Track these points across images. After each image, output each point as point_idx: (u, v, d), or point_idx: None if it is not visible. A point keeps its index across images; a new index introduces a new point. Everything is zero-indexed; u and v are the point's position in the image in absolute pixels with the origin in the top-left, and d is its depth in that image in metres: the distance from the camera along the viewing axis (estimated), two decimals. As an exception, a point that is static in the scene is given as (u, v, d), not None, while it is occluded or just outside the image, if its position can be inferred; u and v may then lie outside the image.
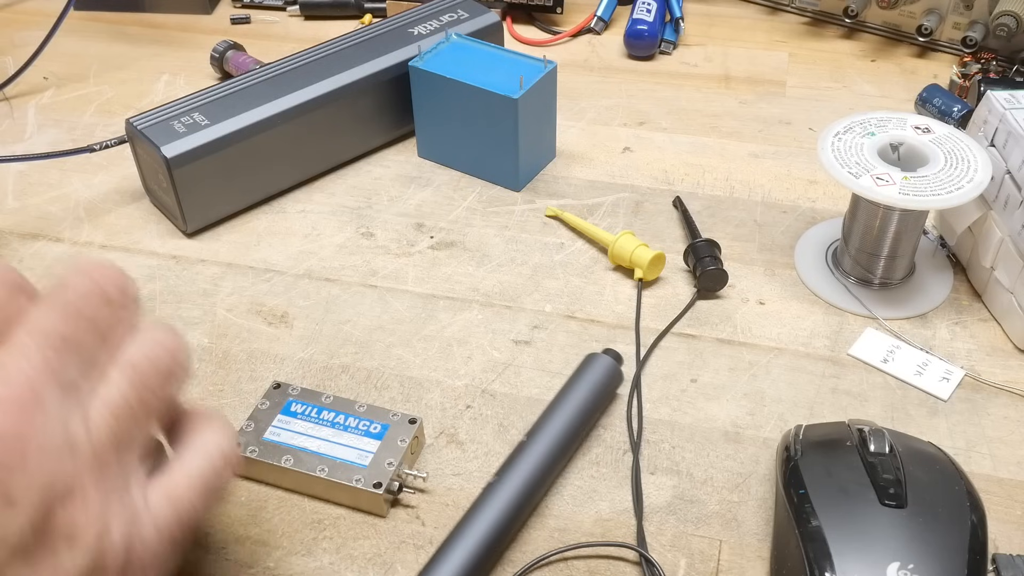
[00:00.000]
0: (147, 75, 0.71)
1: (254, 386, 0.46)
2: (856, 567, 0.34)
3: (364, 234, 0.56)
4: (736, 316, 0.50)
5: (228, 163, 0.54)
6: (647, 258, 0.51)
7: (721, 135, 0.63)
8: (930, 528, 0.35)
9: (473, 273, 0.53)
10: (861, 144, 0.48)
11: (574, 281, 0.52)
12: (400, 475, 0.41)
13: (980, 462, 0.42)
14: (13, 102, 0.68)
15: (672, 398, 0.45)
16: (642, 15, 0.71)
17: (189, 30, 0.76)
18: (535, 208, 0.57)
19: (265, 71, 0.58)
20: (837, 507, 0.36)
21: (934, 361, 0.47)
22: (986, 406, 0.45)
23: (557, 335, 0.49)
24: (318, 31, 0.75)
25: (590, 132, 0.64)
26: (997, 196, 0.48)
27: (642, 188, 0.58)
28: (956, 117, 0.61)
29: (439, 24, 0.63)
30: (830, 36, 0.74)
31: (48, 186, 0.60)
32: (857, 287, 0.51)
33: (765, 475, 0.42)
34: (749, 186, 0.58)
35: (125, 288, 0.28)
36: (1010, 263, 0.47)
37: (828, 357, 0.47)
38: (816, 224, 0.55)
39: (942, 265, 0.52)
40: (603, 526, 0.40)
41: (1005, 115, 0.47)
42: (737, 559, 0.39)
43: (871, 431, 0.38)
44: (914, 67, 0.70)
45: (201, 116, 0.54)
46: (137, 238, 0.56)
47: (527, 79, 0.55)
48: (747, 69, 0.70)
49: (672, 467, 0.42)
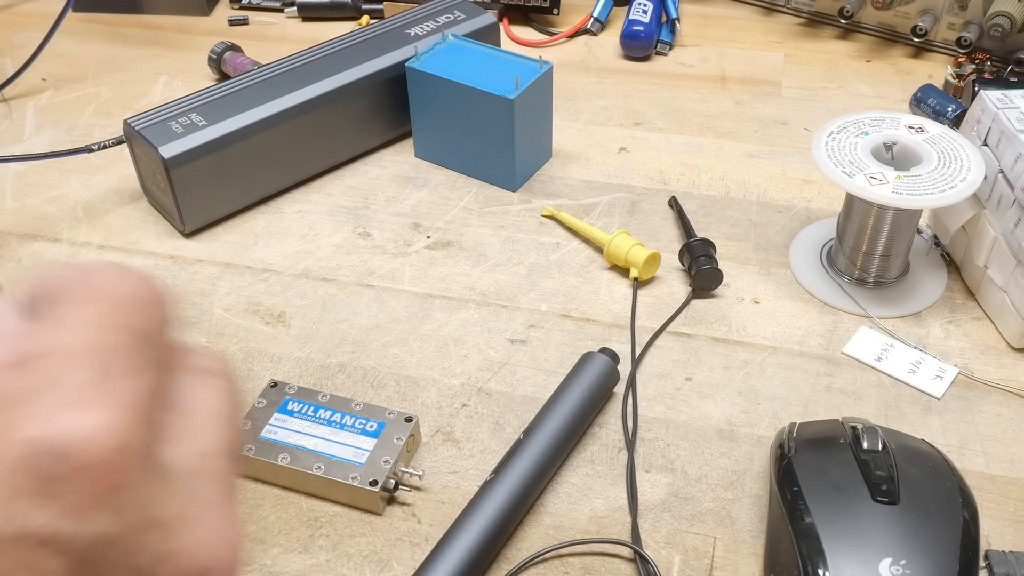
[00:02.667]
0: (145, 76, 0.71)
1: (251, 385, 0.47)
2: (849, 563, 0.34)
3: (361, 234, 0.56)
4: (731, 315, 0.50)
5: (226, 164, 0.55)
6: (642, 257, 0.51)
7: (717, 135, 0.63)
8: (922, 524, 0.35)
9: (469, 273, 0.53)
10: (855, 144, 0.48)
11: (570, 280, 0.52)
12: (396, 473, 0.41)
13: (973, 459, 0.42)
14: (12, 103, 0.68)
15: (667, 396, 0.46)
16: (638, 16, 0.71)
17: (187, 31, 0.77)
18: (531, 208, 0.57)
19: (263, 72, 0.58)
20: (830, 504, 0.36)
21: (928, 359, 0.47)
22: (979, 404, 0.45)
23: (553, 334, 0.49)
24: (315, 32, 0.75)
25: (586, 132, 0.64)
26: (990, 195, 0.48)
27: (638, 188, 0.59)
28: (950, 117, 0.61)
29: (436, 25, 0.63)
30: (825, 37, 0.74)
31: (46, 186, 0.60)
32: (851, 286, 0.51)
33: (759, 472, 0.42)
34: (744, 186, 0.59)
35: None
36: (1003, 262, 0.47)
37: (822, 355, 0.47)
38: (811, 224, 0.55)
39: (936, 264, 0.52)
40: (598, 523, 0.40)
41: (998, 115, 0.48)
42: (731, 556, 0.39)
43: (864, 429, 0.39)
44: (909, 67, 0.70)
45: (199, 117, 0.54)
46: (135, 238, 0.56)
47: (523, 80, 0.55)
48: (743, 70, 0.70)
49: (667, 465, 0.43)
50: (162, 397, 0.20)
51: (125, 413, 0.18)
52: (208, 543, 0.19)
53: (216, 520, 0.20)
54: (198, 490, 0.20)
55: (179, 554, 0.19)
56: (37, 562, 0.17)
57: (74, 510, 0.17)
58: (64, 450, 0.17)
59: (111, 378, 0.19)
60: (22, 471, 0.17)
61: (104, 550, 0.18)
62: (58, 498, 0.17)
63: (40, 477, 0.17)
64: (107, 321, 0.20)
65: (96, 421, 0.18)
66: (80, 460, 0.17)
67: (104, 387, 0.19)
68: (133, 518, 0.18)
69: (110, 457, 0.18)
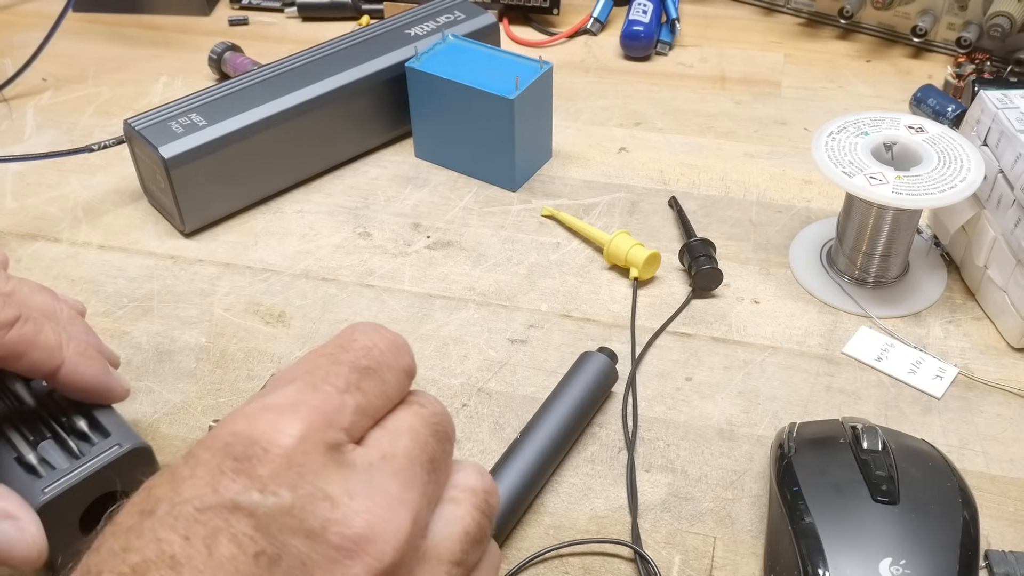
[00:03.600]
0: (145, 76, 0.71)
1: (252, 385, 0.47)
2: (848, 563, 0.34)
3: (361, 234, 0.56)
4: (731, 315, 0.50)
5: (226, 164, 0.55)
6: (642, 257, 0.51)
7: (717, 135, 0.63)
8: (922, 524, 0.35)
9: (469, 273, 0.53)
10: (855, 144, 0.48)
11: (570, 280, 0.52)
12: (396, 473, 0.41)
13: (973, 459, 0.42)
14: (12, 103, 0.68)
15: (667, 396, 0.46)
16: (638, 16, 0.71)
17: (187, 31, 0.77)
18: (531, 208, 0.57)
19: (263, 72, 0.58)
20: (830, 504, 0.36)
21: (928, 359, 0.47)
22: (979, 404, 0.45)
23: (553, 334, 0.49)
24: (315, 32, 0.75)
25: (586, 132, 0.64)
26: (990, 195, 0.48)
27: (638, 188, 0.59)
28: (950, 117, 0.61)
29: (436, 25, 0.63)
30: (825, 37, 0.74)
31: (46, 187, 0.60)
32: (851, 286, 0.51)
33: (759, 472, 0.42)
34: (744, 186, 0.59)
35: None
36: (1003, 262, 0.47)
37: (822, 355, 0.47)
38: (811, 224, 0.55)
39: (936, 264, 0.52)
40: (598, 523, 0.40)
41: (998, 115, 0.48)
42: (731, 556, 0.39)
43: (864, 428, 0.39)
44: (909, 67, 0.70)
45: (199, 117, 0.54)
46: (135, 238, 0.56)
47: (523, 80, 0.55)
48: (743, 70, 0.70)
49: (667, 465, 0.43)
50: (363, 414, 0.26)
51: (314, 419, 0.24)
52: (367, 516, 0.24)
53: (381, 502, 0.24)
54: (373, 479, 0.24)
55: (341, 521, 0.23)
56: (233, 524, 0.22)
57: (260, 485, 0.23)
58: (256, 440, 0.23)
59: (314, 388, 0.25)
60: (224, 454, 0.23)
61: (281, 516, 0.23)
62: (249, 476, 0.23)
63: (236, 458, 0.23)
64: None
65: (286, 423, 0.24)
66: (266, 448, 0.23)
67: (302, 395, 0.25)
68: (305, 492, 0.23)
69: (292, 446, 0.23)
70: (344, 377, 0.26)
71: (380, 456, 0.25)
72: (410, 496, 0.25)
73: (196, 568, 0.22)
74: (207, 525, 0.22)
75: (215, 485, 0.23)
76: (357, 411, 0.26)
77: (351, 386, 0.26)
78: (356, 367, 0.26)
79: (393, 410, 0.27)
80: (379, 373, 0.27)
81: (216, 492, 0.23)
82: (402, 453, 0.26)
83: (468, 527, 0.27)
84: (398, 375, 0.27)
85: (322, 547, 0.23)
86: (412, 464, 0.26)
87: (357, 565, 0.23)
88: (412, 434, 0.26)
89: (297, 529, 0.23)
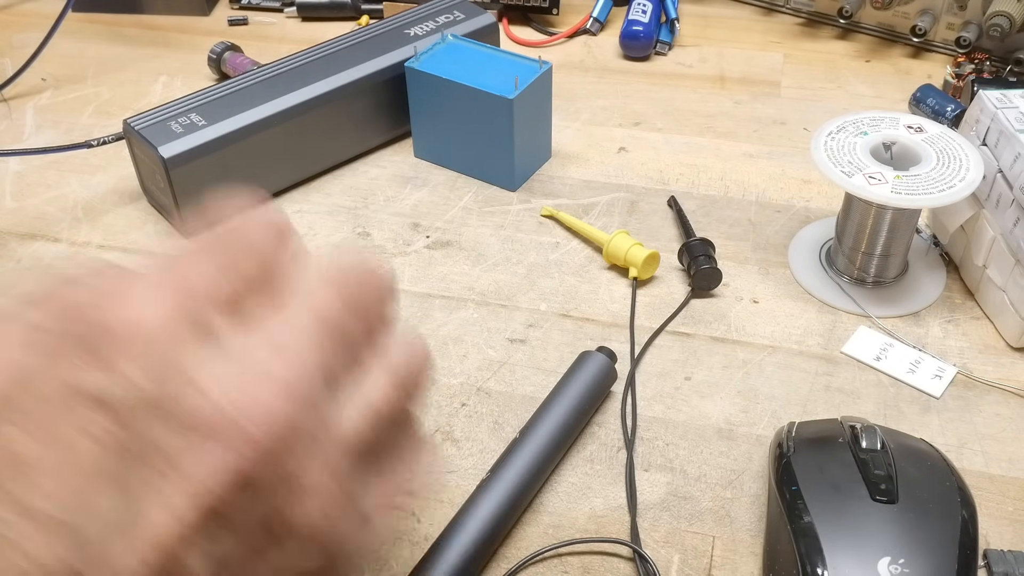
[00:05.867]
0: (145, 76, 0.71)
1: (251, 385, 0.47)
2: (847, 562, 0.34)
3: (360, 234, 0.56)
4: (730, 314, 0.50)
5: (225, 164, 0.55)
6: (641, 257, 0.51)
7: (716, 135, 0.63)
8: (921, 523, 0.35)
9: (469, 272, 0.53)
10: (854, 143, 0.48)
11: (569, 280, 0.52)
12: (395, 472, 0.41)
13: (972, 459, 0.42)
14: (11, 103, 0.68)
15: (666, 396, 0.46)
16: (638, 16, 0.71)
17: (187, 31, 0.77)
18: (531, 208, 0.57)
19: (262, 72, 0.58)
20: (829, 503, 0.36)
21: (927, 359, 0.47)
22: (978, 403, 0.45)
23: (552, 333, 0.49)
24: (315, 32, 0.76)
25: (586, 132, 0.64)
26: (989, 195, 0.48)
27: (637, 188, 0.59)
28: (949, 117, 0.61)
29: (435, 25, 0.63)
30: (825, 37, 0.74)
31: (46, 186, 0.60)
32: (850, 286, 0.51)
33: (758, 472, 0.42)
34: (743, 186, 0.59)
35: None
36: (1002, 261, 0.47)
37: (821, 355, 0.48)
38: (810, 223, 0.55)
39: (935, 263, 0.52)
40: (597, 522, 0.40)
41: (997, 114, 0.48)
42: (730, 555, 0.39)
43: (863, 428, 0.39)
44: (908, 67, 0.70)
45: (198, 117, 0.55)
46: (135, 238, 0.56)
47: (523, 80, 0.55)
48: (742, 70, 0.70)
49: (666, 464, 0.43)
50: (230, 296, 0.23)
51: (172, 307, 0.22)
52: (236, 396, 0.21)
53: (254, 385, 0.21)
54: (254, 363, 0.22)
55: (208, 404, 0.21)
56: (90, 420, 0.20)
57: (118, 374, 0.20)
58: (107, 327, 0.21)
59: (170, 271, 0.24)
60: (75, 343, 0.20)
61: (146, 409, 0.20)
62: (103, 363, 0.20)
63: (87, 349, 0.20)
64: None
65: (144, 309, 0.22)
66: (121, 334, 0.21)
67: (162, 283, 0.23)
68: (169, 377, 0.21)
69: (149, 332, 0.21)
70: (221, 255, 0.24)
71: (263, 342, 0.23)
72: (293, 374, 0.22)
73: (45, 467, 0.19)
74: (55, 418, 0.20)
75: (60, 372, 0.20)
76: (232, 284, 0.23)
77: (227, 267, 0.24)
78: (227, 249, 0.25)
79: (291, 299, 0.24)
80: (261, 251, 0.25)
81: (65, 383, 0.20)
82: (288, 342, 0.23)
83: (379, 406, 0.24)
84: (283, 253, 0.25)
85: (186, 433, 0.21)
86: (304, 351, 0.23)
87: (221, 448, 0.21)
88: (303, 331, 0.24)
89: (159, 417, 0.21)
